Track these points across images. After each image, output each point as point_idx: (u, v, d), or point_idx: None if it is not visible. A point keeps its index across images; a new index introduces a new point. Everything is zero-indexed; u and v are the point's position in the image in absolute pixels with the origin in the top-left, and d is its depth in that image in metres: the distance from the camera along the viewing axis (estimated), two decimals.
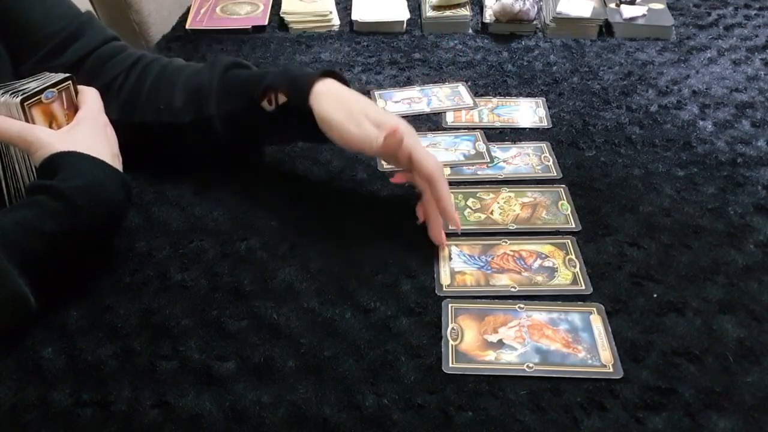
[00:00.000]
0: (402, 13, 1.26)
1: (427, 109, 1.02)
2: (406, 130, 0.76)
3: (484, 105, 1.02)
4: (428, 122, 0.99)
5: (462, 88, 1.06)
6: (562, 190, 0.84)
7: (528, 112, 1.00)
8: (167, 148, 0.87)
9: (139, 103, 0.86)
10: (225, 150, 0.87)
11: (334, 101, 0.77)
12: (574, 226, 0.79)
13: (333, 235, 0.78)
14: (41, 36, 0.84)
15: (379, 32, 1.24)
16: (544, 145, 0.93)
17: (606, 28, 1.22)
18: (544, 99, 1.03)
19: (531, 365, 0.63)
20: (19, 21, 0.83)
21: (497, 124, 0.98)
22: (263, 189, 0.86)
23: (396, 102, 1.03)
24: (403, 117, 0.99)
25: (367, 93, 1.06)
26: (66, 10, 0.88)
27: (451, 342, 0.65)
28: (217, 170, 0.89)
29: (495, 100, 1.04)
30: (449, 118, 0.99)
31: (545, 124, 0.98)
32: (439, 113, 1.01)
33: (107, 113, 0.81)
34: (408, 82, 1.09)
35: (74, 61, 0.85)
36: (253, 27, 1.26)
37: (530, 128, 0.97)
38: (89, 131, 0.75)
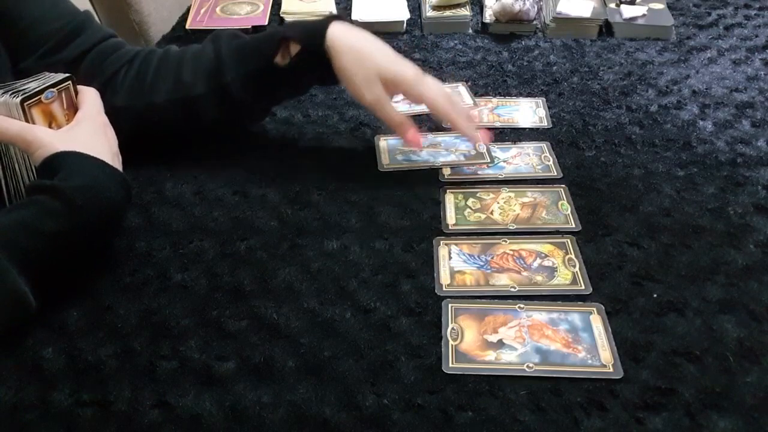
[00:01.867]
0: (402, 13, 1.25)
1: (427, 110, 1.01)
2: (414, 81, 0.83)
3: (484, 105, 1.02)
4: (428, 122, 0.99)
5: (462, 88, 1.06)
6: (562, 190, 0.84)
7: (528, 112, 1.00)
8: (175, 128, 0.89)
9: (145, 86, 0.88)
10: (239, 116, 0.89)
11: (350, 56, 0.82)
12: (574, 226, 0.79)
13: (333, 235, 0.78)
14: (42, 33, 0.85)
15: (379, 32, 1.23)
16: (544, 145, 0.93)
17: (606, 28, 1.22)
18: (544, 99, 1.03)
19: (531, 365, 0.63)
20: (19, 19, 0.84)
21: (497, 124, 0.98)
22: (263, 189, 0.86)
23: (396, 102, 1.03)
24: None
25: None
26: (65, 9, 0.89)
27: (451, 342, 0.65)
28: (217, 170, 0.89)
29: (495, 100, 1.04)
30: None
31: (545, 124, 0.97)
32: None
33: (113, 102, 0.84)
34: None
35: (75, 56, 0.86)
36: (253, 27, 1.26)
37: (530, 128, 0.97)
38: (89, 131, 0.75)
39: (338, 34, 0.82)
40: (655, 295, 0.70)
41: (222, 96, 0.86)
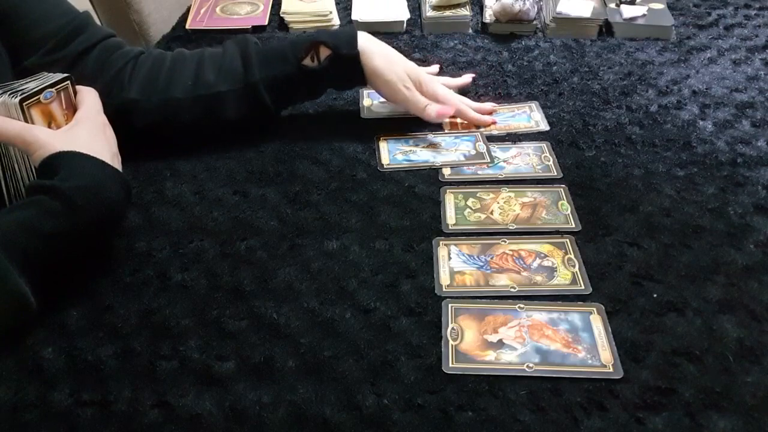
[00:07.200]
0: (402, 13, 1.25)
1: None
2: (429, 79, 0.96)
3: None
4: (428, 123, 0.98)
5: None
6: (562, 190, 0.84)
7: (524, 117, 0.99)
8: (191, 124, 0.91)
9: (160, 82, 0.90)
10: (256, 115, 0.93)
11: (381, 59, 0.92)
12: (574, 226, 0.79)
13: (333, 235, 0.78)
14: (45, 31, 0.86)
15: (379, 32, 1.23)
16: (544, 144, 0.93)
17: (606, 28, 1.22)
18: (537, 103, 1.02)
19: (531, 365, 0.63)
20: (22, 18, 0.84)
21: (494, 132, 0.96)
22: (263, 189, 0.86)
23: (382, 102, 1.02)
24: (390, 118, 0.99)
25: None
26: (66, 8, 0.90)
27: (451, 342, 0.65)
28: (217, 170, 0.89)
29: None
30: (445, 126, 0.98)
31: (542, 127, 0.97)
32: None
33: (124, 96, 0.88)
34: None
35: (79, 52, 0.88)
36: (253, 27, 1.26)
37: (528, 133, 0.96)
38: (88, 131, 0.75)
39: (365, 40, 0.92)
40: (655, 295, 0.70)
41: (246, 95, 0.90)
